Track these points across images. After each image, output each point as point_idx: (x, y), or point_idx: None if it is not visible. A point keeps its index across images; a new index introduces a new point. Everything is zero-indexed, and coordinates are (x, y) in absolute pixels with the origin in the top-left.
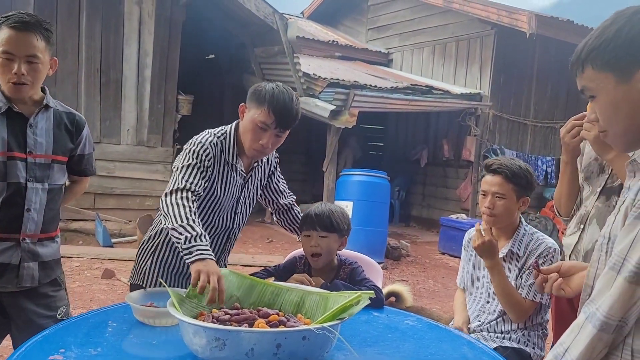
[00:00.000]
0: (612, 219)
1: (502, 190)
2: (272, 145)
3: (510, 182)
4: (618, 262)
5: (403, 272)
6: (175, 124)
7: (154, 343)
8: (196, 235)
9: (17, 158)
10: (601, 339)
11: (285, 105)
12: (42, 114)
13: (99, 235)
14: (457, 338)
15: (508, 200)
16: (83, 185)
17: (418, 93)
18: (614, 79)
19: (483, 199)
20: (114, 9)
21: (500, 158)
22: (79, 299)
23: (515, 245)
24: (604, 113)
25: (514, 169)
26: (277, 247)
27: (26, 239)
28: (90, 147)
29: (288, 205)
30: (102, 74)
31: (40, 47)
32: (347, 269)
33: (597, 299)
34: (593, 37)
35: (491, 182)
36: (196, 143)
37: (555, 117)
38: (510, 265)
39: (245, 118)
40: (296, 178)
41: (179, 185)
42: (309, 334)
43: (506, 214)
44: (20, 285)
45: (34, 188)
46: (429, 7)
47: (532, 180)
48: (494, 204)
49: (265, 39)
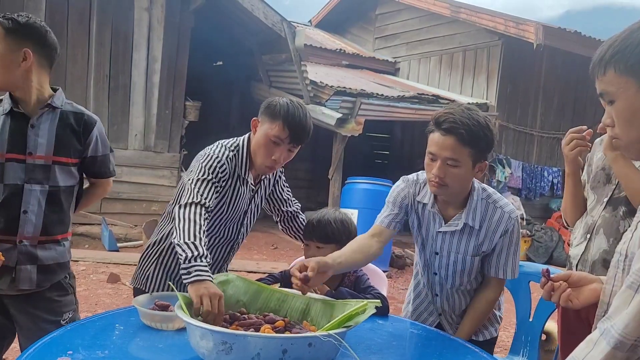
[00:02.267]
0: (629, 235)
1: (456, 156)
2: (284, 160)
3: (466, 145)
4: (636, 281)
5: (407, 280)
6: (182, 130)
7: (160, 346)
8: (197, 256)
9: (16, 160)
10: (615, 356)
11: (300, 120)
12: (46, 114)
13: (104, 239)
14: (460, 347)
15: (462, 168)
16: (102, 188)
17: (424, 102)
18: (636, 84)
19: (431, 163)
20: (124, 15)
21: (453, 109)
22: (85, 302)
23: (470, 216)
24: (621, 118)
25: (472, 128)
26: (282, 254)
27: (24, 241)
28: (105, 149)
29: (293, 213)
30: (111, 80)
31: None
32: (352, 277)
33: (613, 316)
34: (619, 40)
35: (442, 143)
36: (213, 158)
37: (562, 128)
38: (466, 239)
39: (258, 132)
40: (302, 185)
41: (194, 199)
42: (315, 340)
43: (459, 184)
44: (18, 288)
45: (32, 190)
46: (437, 17)
47: (493, 140)
48: (444, 171)
49: (273, 46)
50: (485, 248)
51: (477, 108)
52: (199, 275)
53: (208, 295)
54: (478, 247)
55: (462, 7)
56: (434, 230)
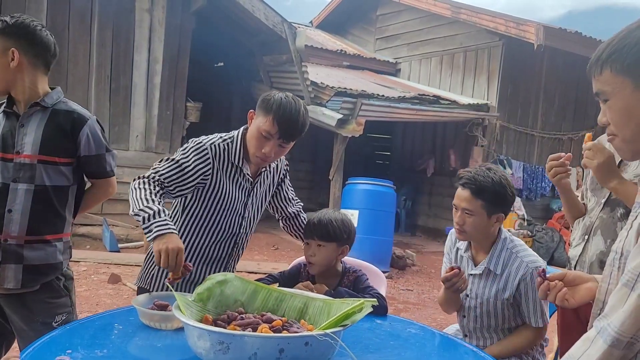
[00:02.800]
0: (624, 234)
1: (471, 207)
2: (275, 154)
3: (478, 198)
4: (632, 279)
5: (408, 281)
6: (183, 131)
7: (158, 346)
8: (154, 213)
9: (3, 159)
10: (612, 354)
11: (290, 116)
12: (36, 113)
13: (106, 240)
14: (458, 346)
15: (477, 218)
16: (103, 189)
17: (425, 103)
18: (632, 84)
19: (455, 212)
20: (125, 17)
21: (474, 169)
22: (85, 302)
23: (493, 262)
24: (616, 118)
25: (483, 184)
26: (283, 254)
27: (8, 239)
28: (100, 148)
29: (295, 213)
30: (112, 81)
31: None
32: (352, 277)
33: (609, 314)
34: (616, 40)
35: (460, 196)
36: (195, 142)
37: (563, 129)
38: (487, 283)
39: (252, 124)
40: (303, 186)
41: (146, 173)
42: (311, 339)
43: (477, 232)
44: (2, 286)
45: (17, 189)
46: (437, 18)
47: (505, 196)
48: (464, 220)
49: (274, 47)
50: (507, 295)
51: (498, 167)
52: (159, 230)
53: (166, 250)
54: (500, 292)
55: (463, 8)
56: (467, 273)
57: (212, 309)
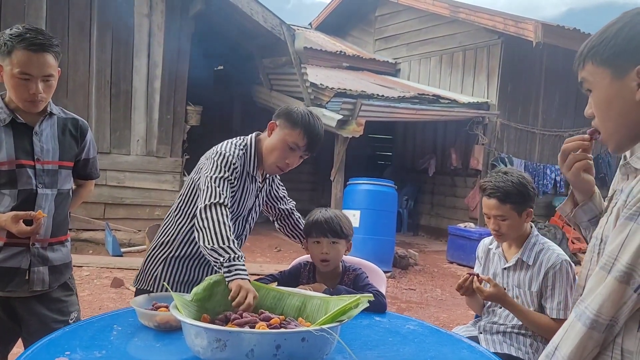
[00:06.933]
0: (604, 220)
1: (501, 212)
2: (293, 165)
3: (506, 203)
4: (609, 262)
5: (411, 281)
6: (184, 135)
7: (157, 346)
8: (237, 257)
9: (26, 166)
10: (592, 337)
11: (318, 131)
12: (46, 121)
13: (108, 244)
14: (457, 342)
15: (510, 220)
16: (89, 188)
17: (425, 102)
18: (610, 75)
19: (488, 220)
20: (124, 22)
21: (493, 177)
22: (88, 307)
23: (525, 253)
24: (599, 108)
25: (507, 189)
26: (285, 256)
27: (36, 243)
28: (94, 151)
29: (288, 211)
30: (113, 86)
31: (54, 65)
32: (351, 275)
33: (586, 298)
34: (597, 35)
35: (489, 205)
36: (227, 156)
37: (564, 126)
38: (520, 274)
39: (274, 136)
40: (305, 188)
41: (217, 199)
42: (307, 335)
43: (513, 231)
44: (31, 289)
45: (44, 194)
46: (436, 17)
47: (528, 192)
48: (498, 225)
49: (273, 50)
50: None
51: (514, 169)
52: (238, 275)
53: (246, 289)
54: (532, 282)
55: (461, 7)
56: (500, 268)
57: (210, 309)
